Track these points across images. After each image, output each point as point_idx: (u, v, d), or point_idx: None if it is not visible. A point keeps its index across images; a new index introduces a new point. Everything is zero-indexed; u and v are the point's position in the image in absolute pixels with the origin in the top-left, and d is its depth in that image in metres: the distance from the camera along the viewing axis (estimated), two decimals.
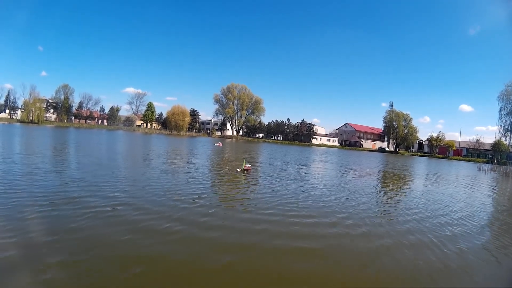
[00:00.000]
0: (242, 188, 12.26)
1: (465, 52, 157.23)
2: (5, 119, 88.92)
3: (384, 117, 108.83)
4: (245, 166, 16.64)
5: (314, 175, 19.96)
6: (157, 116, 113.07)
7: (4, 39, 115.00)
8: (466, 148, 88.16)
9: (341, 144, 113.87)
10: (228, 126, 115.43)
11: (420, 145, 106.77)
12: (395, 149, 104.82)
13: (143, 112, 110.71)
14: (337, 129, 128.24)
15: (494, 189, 21.85)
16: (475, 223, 9.59)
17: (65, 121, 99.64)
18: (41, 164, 13.92)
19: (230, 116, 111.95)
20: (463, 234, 8.14)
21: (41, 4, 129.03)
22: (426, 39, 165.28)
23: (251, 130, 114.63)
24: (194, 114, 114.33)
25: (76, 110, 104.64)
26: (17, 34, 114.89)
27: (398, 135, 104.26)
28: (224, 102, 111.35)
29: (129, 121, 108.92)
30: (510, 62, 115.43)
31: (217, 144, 49.12)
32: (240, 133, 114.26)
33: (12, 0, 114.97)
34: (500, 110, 68.58)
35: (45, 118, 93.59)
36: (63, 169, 13.19)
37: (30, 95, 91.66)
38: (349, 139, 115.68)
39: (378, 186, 17.69)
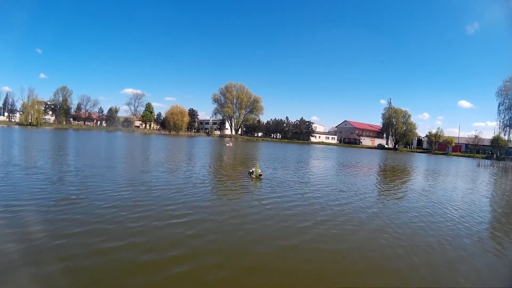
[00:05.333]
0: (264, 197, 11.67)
1: (463, 49, 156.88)
2: (3, 122, 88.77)
3: (383, 114, 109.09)
4: (259, 172, 14.74)
5: (324, 175, 19.71)
6: (155, 117, 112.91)
7: (2, 42, 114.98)
8: (465, 144, 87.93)
9: (340, 142, 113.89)
10: (227, 125, 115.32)
11: (419, 141, 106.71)
12: (394, 146, 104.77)
13: (141, 113, 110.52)
14: (336, 127, 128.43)
15: (494, 184, 21.89)
16: (475, 220, 9.56)
17: (64, 123, 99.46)
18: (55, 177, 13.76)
19: (228, 115, 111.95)
20: (464, 232, 8.11)
21: (39, 6, 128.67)
22: (425, 36, 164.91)
23: (250, 129, 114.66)
24: (192, 113, 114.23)
25: (75, 111, 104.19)
26: (16, 37, 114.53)
27: (397, 132, 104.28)
28: (223, 102, 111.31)
29: (128, 122, 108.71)
30: (508, 58, 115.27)
31: (227, 145, 50.20)
32: (239, 132, 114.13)
33: (11, 3, 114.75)
34: (498, 106, 68.51)
35: (43, 120, 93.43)
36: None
37: (29, 97, 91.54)
38: (348, 137, 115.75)
39: (382, 183, 17.77)
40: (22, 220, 6.55)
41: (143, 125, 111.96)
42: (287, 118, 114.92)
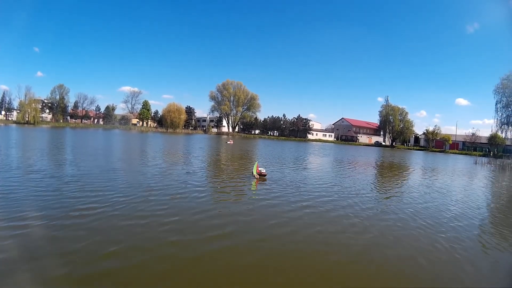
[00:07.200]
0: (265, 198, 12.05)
1: (462, 47, 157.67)
2: (0, 120, 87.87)
3: (380, 112, 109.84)
4: (262, 172, 14.87)
5: (332, 175, 19.42)
6: (152, 114, 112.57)
7: (0, 41, 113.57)
8: (463, 141, 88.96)
9: (337, 139, 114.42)
10: (224, 122, 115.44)
11: (417, 139, 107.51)
12: (392, 143, 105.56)
13: (138, 111, 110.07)
14: (333, 124, 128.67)
15: (491, 182, 22.33)
16: (474, 219, 9.85)
17: (61, 121, 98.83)
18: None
19: (226, 112, 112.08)
20: (463, 230, 8.35)
21: (37, 5, 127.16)
22: (424, 35, 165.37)
23: (247, 126, 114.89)
24: (189, 111, 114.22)
25: (72, 110, 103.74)
26: (13, 35, 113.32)
27: (394, 130, 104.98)
28: (220, 99, 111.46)
29: (125, 120, 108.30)
30: (506, 57, 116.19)
31: (228, 142, 50.78)
32: (236, 130, 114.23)
33: (8, 2, 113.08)
34: (496, 104, 69.08)
35: (41, 119, 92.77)
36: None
37: (26, 96, 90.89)
38: (345, 134, 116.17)
39: (392, 183, 17.97)
40: (40, 237, 6.02)
41: (140, 123, 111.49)
42: (284, 115, 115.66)
